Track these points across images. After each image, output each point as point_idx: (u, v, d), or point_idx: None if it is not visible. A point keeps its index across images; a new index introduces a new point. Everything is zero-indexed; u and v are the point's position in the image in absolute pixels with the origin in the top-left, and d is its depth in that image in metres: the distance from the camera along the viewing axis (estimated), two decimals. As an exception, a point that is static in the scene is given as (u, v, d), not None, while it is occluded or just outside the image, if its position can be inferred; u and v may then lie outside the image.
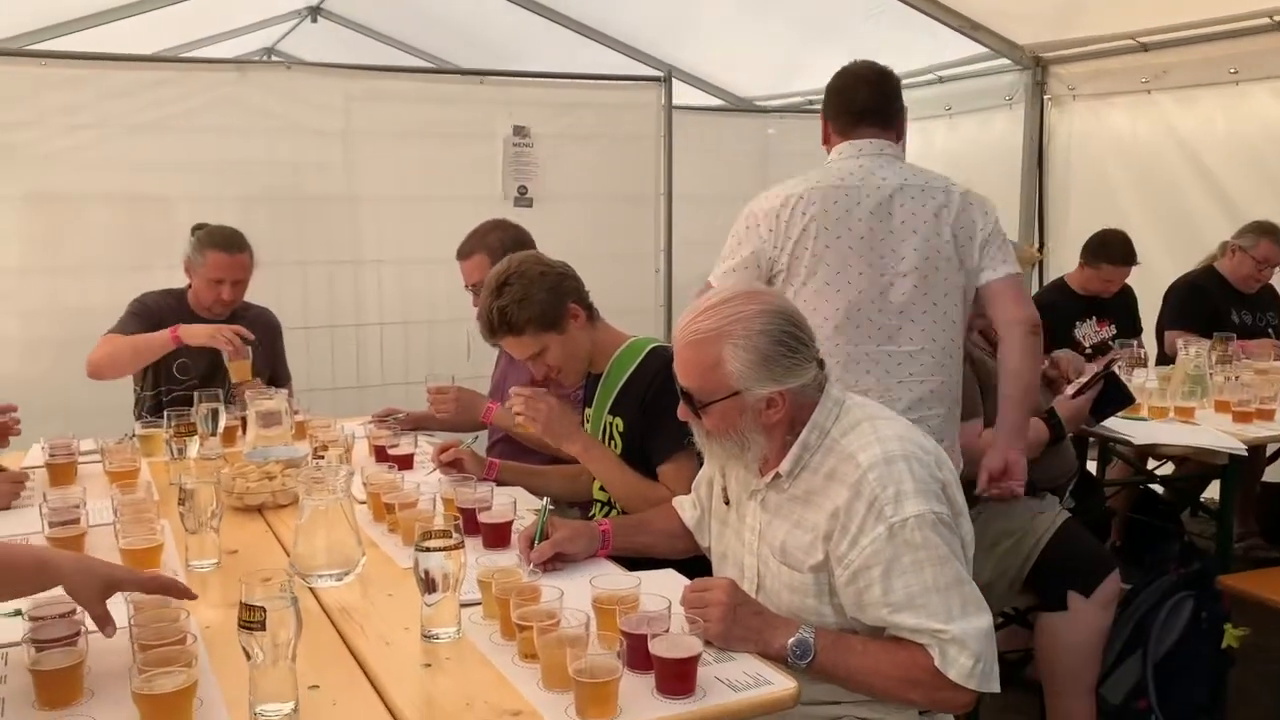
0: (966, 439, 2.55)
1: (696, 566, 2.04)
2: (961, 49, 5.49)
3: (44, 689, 1.46)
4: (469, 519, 2.08)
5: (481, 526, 2.07)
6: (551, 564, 1.92)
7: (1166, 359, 4.09)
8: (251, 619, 1.40)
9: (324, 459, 2.48)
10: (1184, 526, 4.03)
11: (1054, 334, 4.13)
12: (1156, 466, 3.98)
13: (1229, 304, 4.24)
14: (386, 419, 2.92)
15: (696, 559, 2.07)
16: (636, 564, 1.96)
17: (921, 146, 6.06)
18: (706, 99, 6.77)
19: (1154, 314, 4.42)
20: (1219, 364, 3.46)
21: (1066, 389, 2.80)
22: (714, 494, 1.97)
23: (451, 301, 4.46)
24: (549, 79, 4.85)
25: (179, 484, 1.99)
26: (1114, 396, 2.75)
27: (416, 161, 4.49)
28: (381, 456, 2.64)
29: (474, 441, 2.70)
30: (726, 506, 1.91)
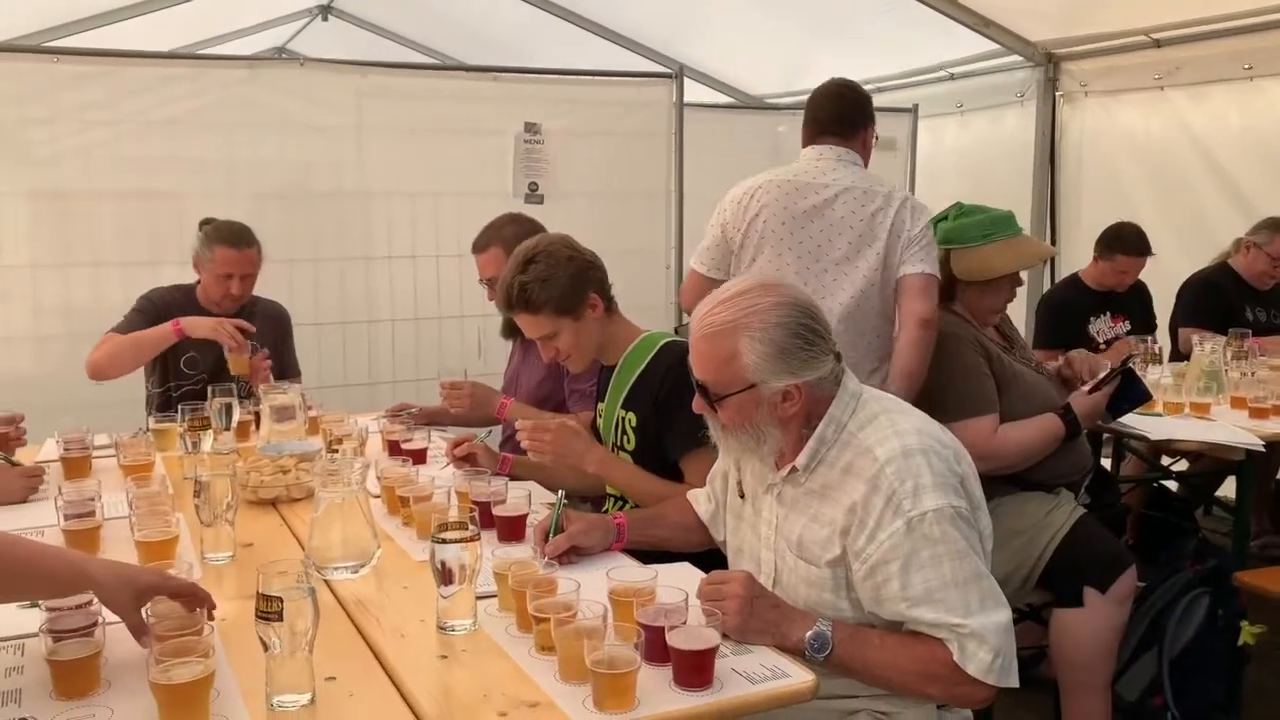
0: (980, 435, 2.54)
1: (711, 560, 2.04)
2: (973, 46, 5.48)
3: (61, 679, 1.46)
4: (483, 512, 2.08)
5: (496, 520, 2.07)
6: (566, 557, 1.92)
7: (1180, 356, 4.07)
8: (269, 609, 1.40)
9: (338, 453, 2.48)
10: (1198, 524, 4.00)
11: (1068, 329, 4.13)
12: (1171, 463, 3.96)
13: (1243, 301, 4.22)
14: (400, 414, 2.92)
15: (711, 552, 2.06)
16: (651, 558, 1.95)
17: (932, 144, 6.06)
18: (716, 96, 6.76)
19: (1167, 311, 4.40)
20: (1235, 360, 3.44)
21: (1083, 385, 2.78)
22: (729, 488, 1.96)
23: (464, 298, 4.48)
24: (560, 75, 4.85)
25: (194, 477, 1.99)
26: (1131, 393, 2.73)
27: (428, 158, 4.49)
28: (395, 451, 2.64)
29: (487, 436, 2.69)
30: (742, 500, 1.90)
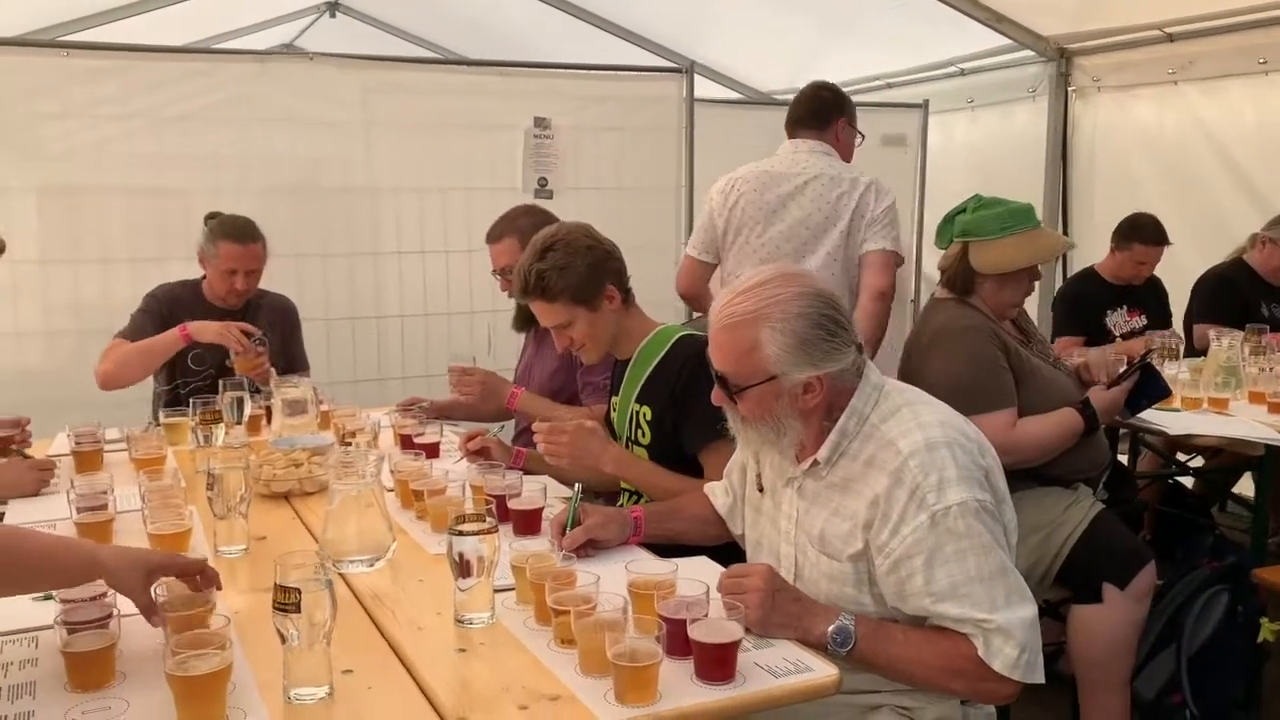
0: (998, 429, 2.51)
1: (729, 554, 2.02)
2: (984, 41, 5.44)
3: (76, 671, 1.45)
4: (499, 506, 2.06)
5: (511, 513, 2.05)
6: (583, 550, 1.90)
7: (1195, 352, 4.04)
8: (286, 601, 1.38)
9: (351, 446, 2.46)
10: (1213, 520, 3.97)
11: (1085, 322, 4.11)
12: (1187, 459, 3.93)
13: (1259, 297, 4.18)
14: (411, 408, 2.90)
15: (728, 546, 2.04)
16: (667, 552, 1.93)
17: (942, 140, 6.02)
18: (725, 93, 6.73)
19: (1181, 307, 4.37)
20: (1253, 355, 3.41)
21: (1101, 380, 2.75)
22: (747, 480, 1.94)
23: (473, 294, 4.47)
24: (570, 70, 4.82)
25: (208, 469, 1.98)
26: (1150, 389, 2.70)
27: (437, 153, 4.47)
28: (407, 445, 2.62)
29: (500, 430, 2.68)
30: (760, 494, 1.88)
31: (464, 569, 1.60)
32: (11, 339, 3.95)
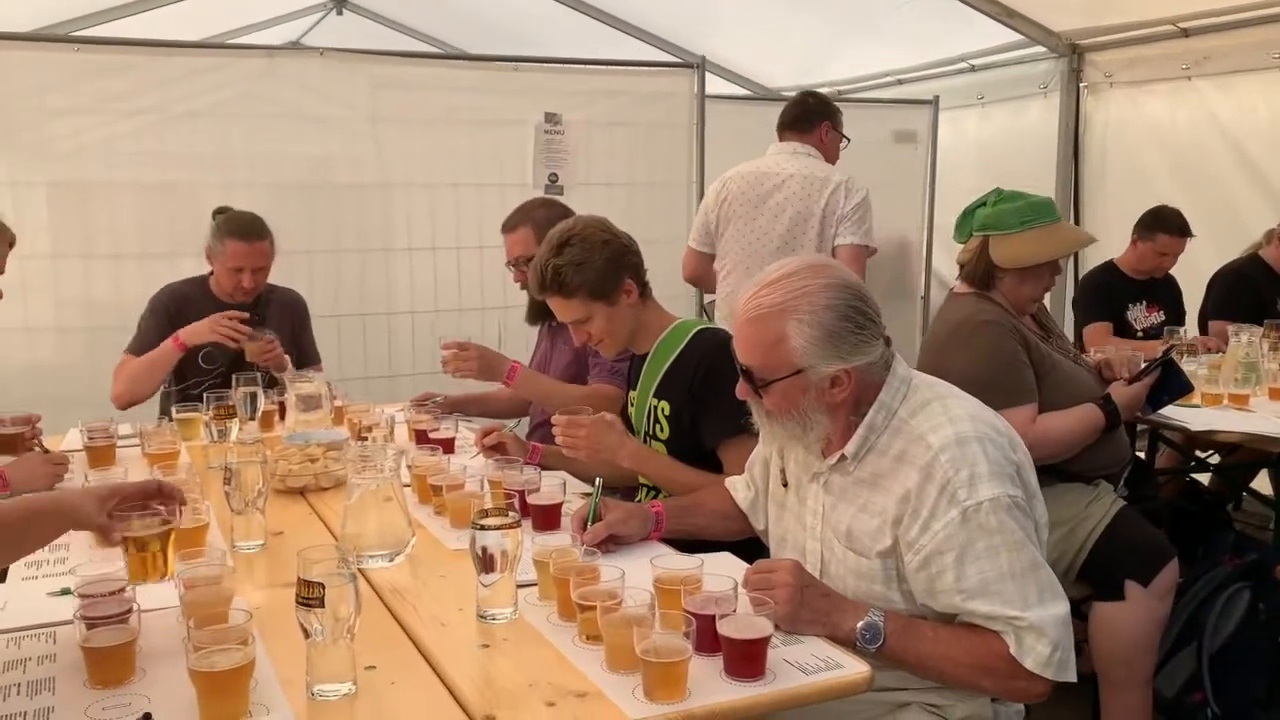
0: (1019, 425, 2.48)
1: (750, 550, 1.99)
2: (995, 37, 5.40)
3: (96, 667, 1.43)
4: (518, 501, 2.04)
5: (531, 508, 2.03)
6: (604, 546, 1.87)
7: (1210, 348, 4.01)
8: (310, 595, 1.36)
9: (367, 441, 2.44)
10: (1230, 517, 3.94)
11: (1110, 312, 4.10)
12: (1205, 456, 3.90)
13: (1274, 292, 4.15)
14: (425, 403, 2.88)
15: (750, 542, 2.02)
16: (687, 547, 1.91)
17: (953, 136, 5.98)
18: (733, 89, 6.70)
19: (1196, 304, 4.34)
20: (1272, 351, 3.38)
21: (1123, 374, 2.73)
22: (771, 475, 1.91)
23: (484, 290, 4.45)
24: (581, 65, 4.80)
25: (225, 463, 1.96)
26: (1171, 384, 2.67)
27: (447, 149, 4.45)
28: (422, 440, 2.60)
29: (516, 426, 2.65)
30: (785, 489, 1.85)
31: (487, 564, 1.58)
32: (22, 334, 3.93)
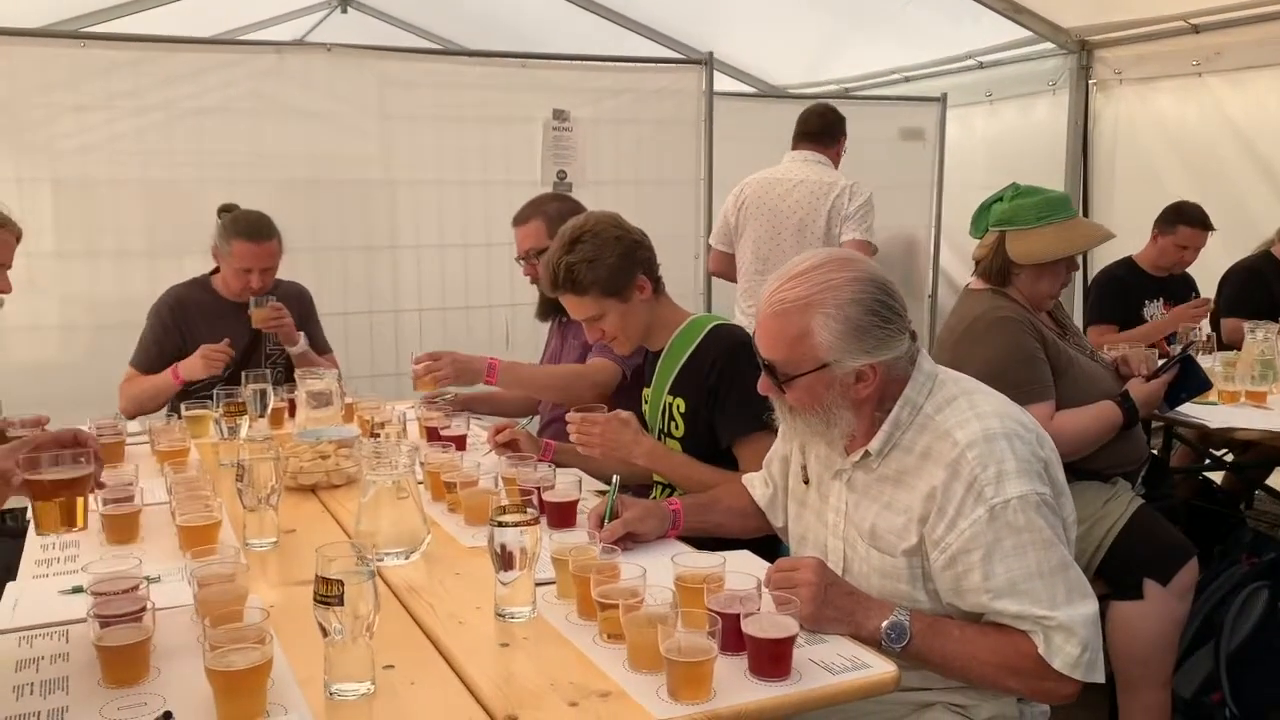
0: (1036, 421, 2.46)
1: (770, 547, 1.97)
2: (1003, 33, 5.38)
3: (110, 666, 1.41)
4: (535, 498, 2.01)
5: (546, 506, 2.00)
6: (622, 544, 1.84)
7: (1224, 345, 3.99)
8: (329, 593, 1.33)
9: (379, 437, 2.42)
10: (1243, 515, 3.91)
11: (1122, 309, 4.09)
12: (1221, 454, 3.88)
13: (1287, 290, 4.13)
14: (436, 399, 2.85)
15: (768, 540, 2.00)
16: (703, 545, 1.88)
17: (961, 134, 5.96)
18: (739, 87, 6.67)
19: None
20: (1288, 348, 3.35)
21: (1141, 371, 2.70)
22: (791, 472, 1.89)
23: (491, 288, 4.42)
24: (589, 61, 4.77)
25: (238, 460, 1.93)
26: (1190, 382, 2.64)
27: (455, 146, 4.43)
28: (434, 437, 2.57)
29: (528, 423, 2.63)
30: (805, 486, 1.83)
31: (506, 561, 1.56)
32: (28, 333, 3.91)
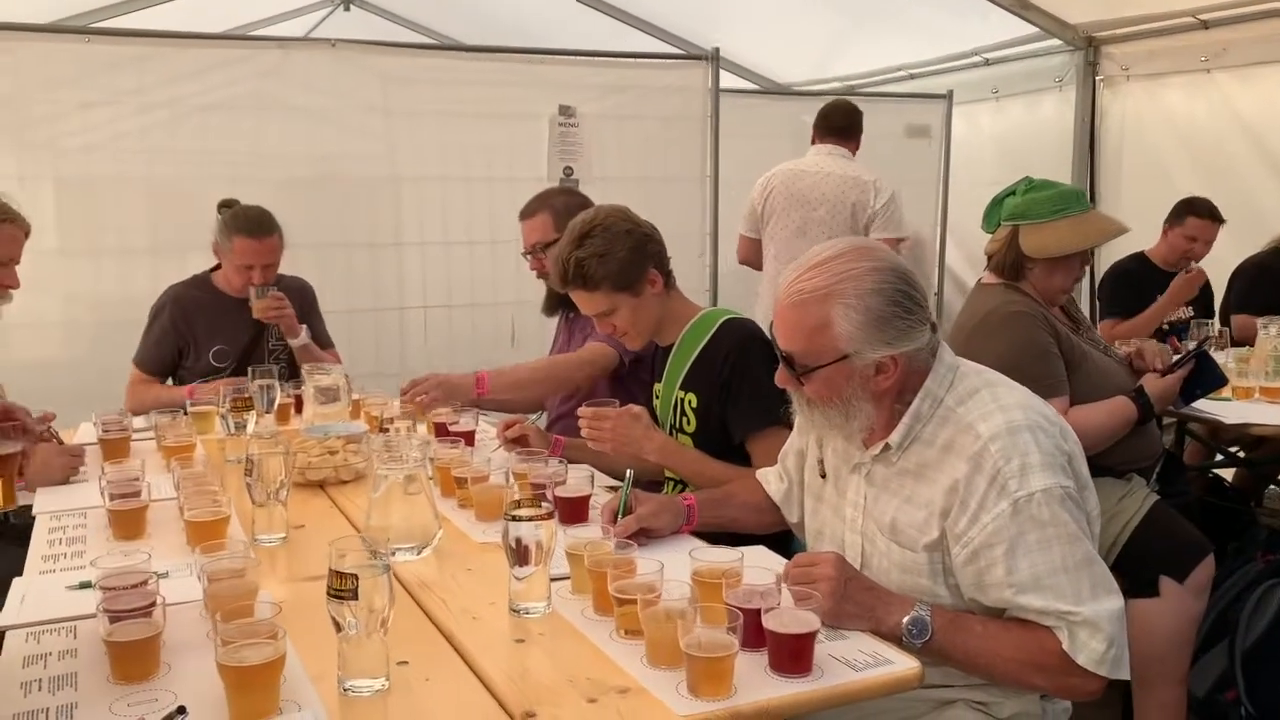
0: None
1: (783, 542, 1.95)
2: (1009, 30, 5.35)
3: (120, 662, 1.38)
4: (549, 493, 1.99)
5: (558, 501, 1.97)
6: (636, 539, 1.82)
7: (1234, 342, 3.96)
8: (343, 587, 1.31)
9: (388, 432, 2.40)
10: (1254, 512, 3.89)
11: (1135, 302, 4.08)
12: (1234, 451, 3.85)
13: (1298, 286, 4.10)
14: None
15: (783, 534, 1.97)
16: (716, 540, 1.86)
17: (967, 131, 5.93)
18: (744, 84, 6.64)
19: (1218, 299, 4.29)
20: (1302, 343, 3.33)
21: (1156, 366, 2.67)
22: (807, 466, 1.86)
23: (496, 285, 4.40)
24: (595, 57, 4.74)
25: (247, 455, 1.91)
26: (1205, 377, 2.62)
27: (460, 143, 4.41)
28: (442, 433, 2.55)
29: (538, 418, 2.60)
30: (822, 480, 1.80)
31: (521, 556, 1.53)
32: (31, 330, 3.88)
